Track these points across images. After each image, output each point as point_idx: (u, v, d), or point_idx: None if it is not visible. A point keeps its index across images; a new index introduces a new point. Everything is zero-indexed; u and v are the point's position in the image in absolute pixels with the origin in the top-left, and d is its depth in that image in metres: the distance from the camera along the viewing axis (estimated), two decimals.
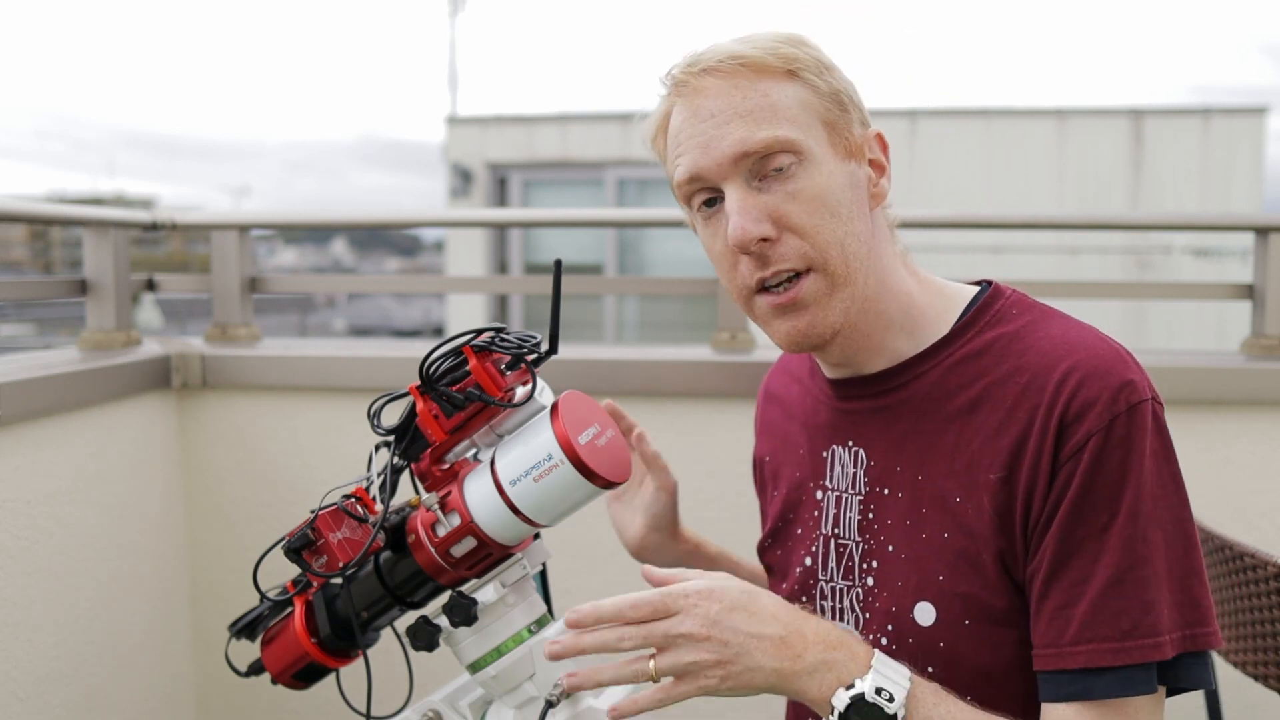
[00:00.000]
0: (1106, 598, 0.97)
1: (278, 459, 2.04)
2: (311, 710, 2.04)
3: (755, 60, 1.06)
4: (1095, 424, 0.99)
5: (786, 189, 1.05)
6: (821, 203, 1.05)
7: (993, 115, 8.97)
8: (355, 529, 1.05)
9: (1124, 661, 0.96)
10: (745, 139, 1.04)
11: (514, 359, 1.00)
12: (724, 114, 1.05)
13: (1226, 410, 1.83)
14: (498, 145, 9.47)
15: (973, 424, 1.06)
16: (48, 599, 1.63)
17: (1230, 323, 7.46)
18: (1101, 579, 0.97)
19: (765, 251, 1.06)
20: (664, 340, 8.13)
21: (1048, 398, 1.01)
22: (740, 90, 1.05)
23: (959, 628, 1.04)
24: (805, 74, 1.07)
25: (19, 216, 1.87)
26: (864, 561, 1.13)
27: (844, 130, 1.08)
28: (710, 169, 1.06)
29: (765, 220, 1.05)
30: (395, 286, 7.33)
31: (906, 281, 1.14)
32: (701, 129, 1.06)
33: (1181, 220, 3.52)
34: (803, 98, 1.06)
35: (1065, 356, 1.03)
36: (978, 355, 1.09)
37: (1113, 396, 0.99)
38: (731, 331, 2.06)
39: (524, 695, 1.07)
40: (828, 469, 1.18)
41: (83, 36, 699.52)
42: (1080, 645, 0.97)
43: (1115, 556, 0.97)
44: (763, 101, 1.05)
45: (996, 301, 1.12)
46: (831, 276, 1.06)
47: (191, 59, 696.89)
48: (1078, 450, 0.99)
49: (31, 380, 1.59)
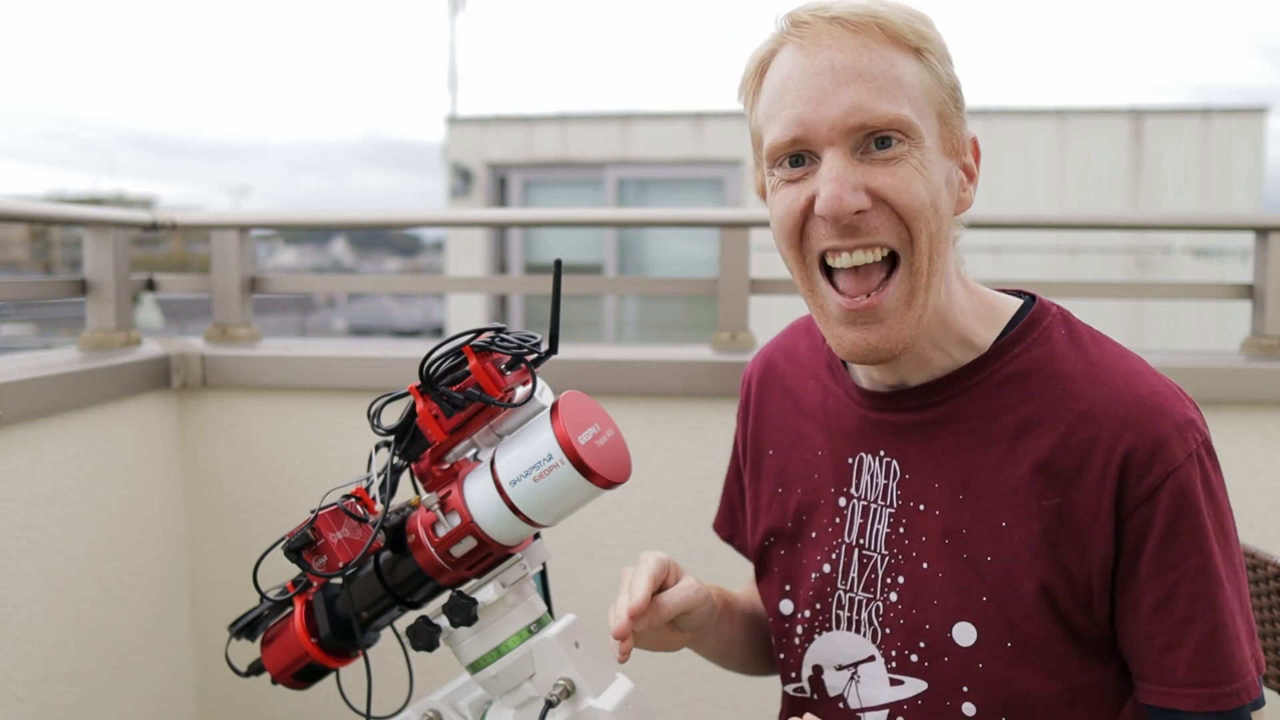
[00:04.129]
0: (1213, 643, 0.99)
1: (278, 459, 2.04)
2: (311, 710, 2.04)
3: (891, 25, 0.98)
4: (1170, 463, 0.99)
5: (889, 167, 0.98)
6: (924, 192, 0.99)
7: (993, 115, 8.96)
8: (355, 529, 1.05)
9: (1230, 705, 0.99)
10: (865, 107, 0.96)
11: (514, 359, 1.00)
12: (846, 71, 0.96)
13: (1226, 410, 1.83)
14: (498, 145, 9.46)
15: (1020, 447, 1.04)
16: (48, 599, 1.63)
17: (1230, 323, 7.45)
18: (1204, 625, 0.99)
19: (856, 223, 0.98)
20: (664, 340, 8.13)
21: (1110, 431, 1.00)
22: (868, 51, 0.97)
23: (1000, 650, 1.04)
24: (932, 58, 1.01)
25: (19, 216, 1.87)
26: (888, 576, 1.11)
27: (955, 126, 1.03)
28: (819, 128, 0.97)
29: (862, 192, 0.98)
30: (395, 286, 7.33)
31: (961, 296, 1.09)
32: (818, 81, 0.97)
33: (1181, 220, 3.51)
34: (926, 82, 1.00)
35: (1127, 389, 1.01)
36: (1026, 376, 1.06)
37: (1181, 435, 1.00)
38: (731, 331, 2.06)
39: (524, 695, 1.06)
40: (854, 476, 1.14)
41: (89, 37, 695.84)
42: (1191, 689, 1.00)
43: (1213, 600, 0.99)
44: (890, 71, 0.98)
45: (1043, 319, 1.09)
46: (914, 275, 1.00)
47: (197, 61, 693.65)
48: (1155, 489, 0.99)
49: (31, 380, 1.59)
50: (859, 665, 1.13)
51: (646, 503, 1.95)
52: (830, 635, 1.16)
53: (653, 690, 1.95)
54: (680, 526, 1.94)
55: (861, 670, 1.13)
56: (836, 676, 1.15)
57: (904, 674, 1.10)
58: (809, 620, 1.18)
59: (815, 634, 1.18)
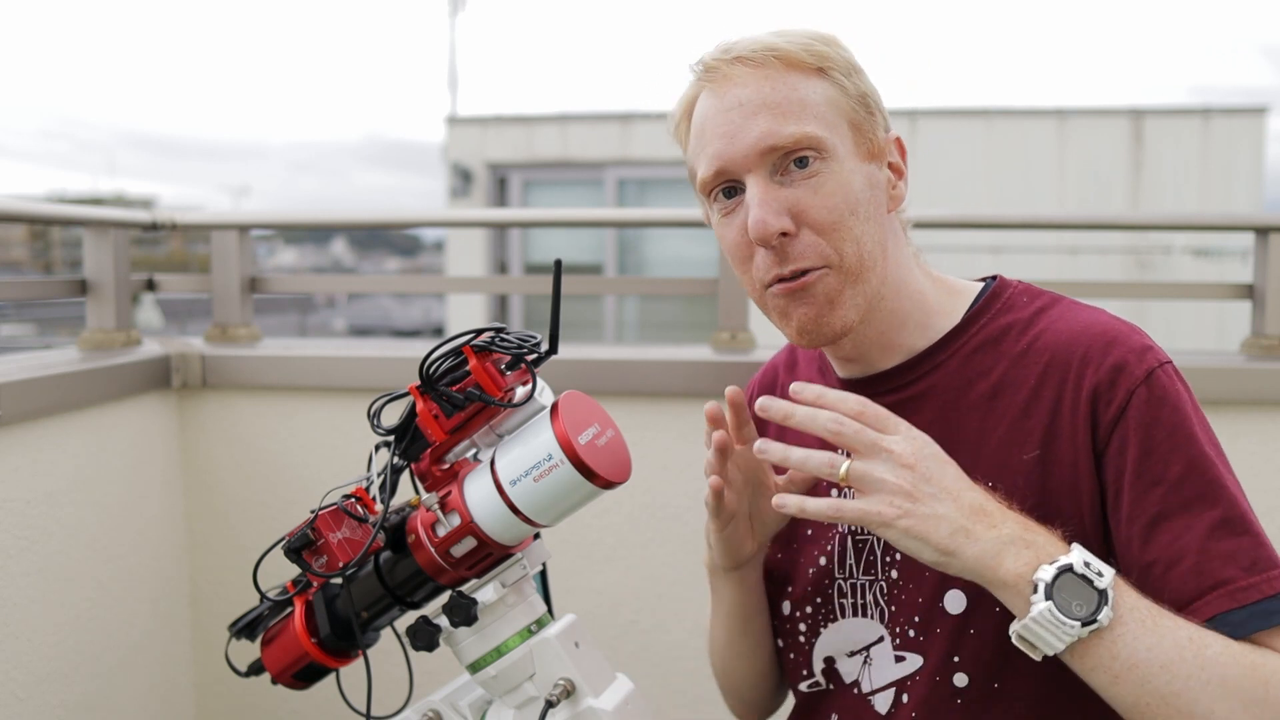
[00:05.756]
0: (1218, 535, 0.97)
1: (278, 459, 2.04)
2: (311, 710, 2.03)
3: (787, 53, 1.06)
4: (1131, 382, 1.01)
5: (809, 185, 1.05)
6: (842, 201, 1.06)
7: (993, 115, 8.96)
8: (355, 529, 1.05)
9: (1253, 598, 0.95)
10: (773, 132, 1.04)
11: (514, 359, 1.00)
12: (752, 104, 1.05)
13: (1226, 410, 1.83)
14: (498, 145, 9.46)
15: (997, 409, 1.08)
16: (48, 599, 1.63)
17: (1230, 323, 7.45)
18: (1204, 521, 0.97)
19: (784, 247, 1.06)
20: (664, 340, 8.13)
21: (1074, 372, 1.04)
22: (770, 81, 1.06)
23: (990, 614, 1.05)
24: (835, 73, 1.07)
25: (19, 216, 1.87)
26: (886, 555, 1.13)
27: (868, 132, 1.09)
28: (736, 159, 1.06)
29: (785, 214, 1.05)
30: (395, 286, 7.33)
31: (920, 280, 1.15)
32: (729, 118, 1.06)
33: (1181, 220, 3.52)
34: (831, 96, 1.07)
35: (1083, 332, 1.06)
36: (994, 342, 1.11)
37: (1139, 356, 1.03)
38: (731, 331, 2.06)
39: (524, 695, 1.07)
40: None
41: (89, 37, 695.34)
42: (1208, 595, 0.96)
43: (1211, 496, 0.99)
44: (791, 95, 1.05)
45: (1005, 291, 1.15)
46: (845, 273, 1.06)
47: (197, 61, 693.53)
48: (1121, 411, 1.01)
49: (31, 380, 1.59)
50: (870, 648, 1.15)
51: (646, 503, 1.95)
52: (836, 625, 1.17)
53: (654, 690, 1.95)
54: (680, 526, 1.94)
55: (873, 652, 1.14)
56: (849, 663, 1.17)
57: (904, 650, 1.12)
58: (811, 616, 1.19)
59: (821, 627, 1.19)
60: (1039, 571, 0.91)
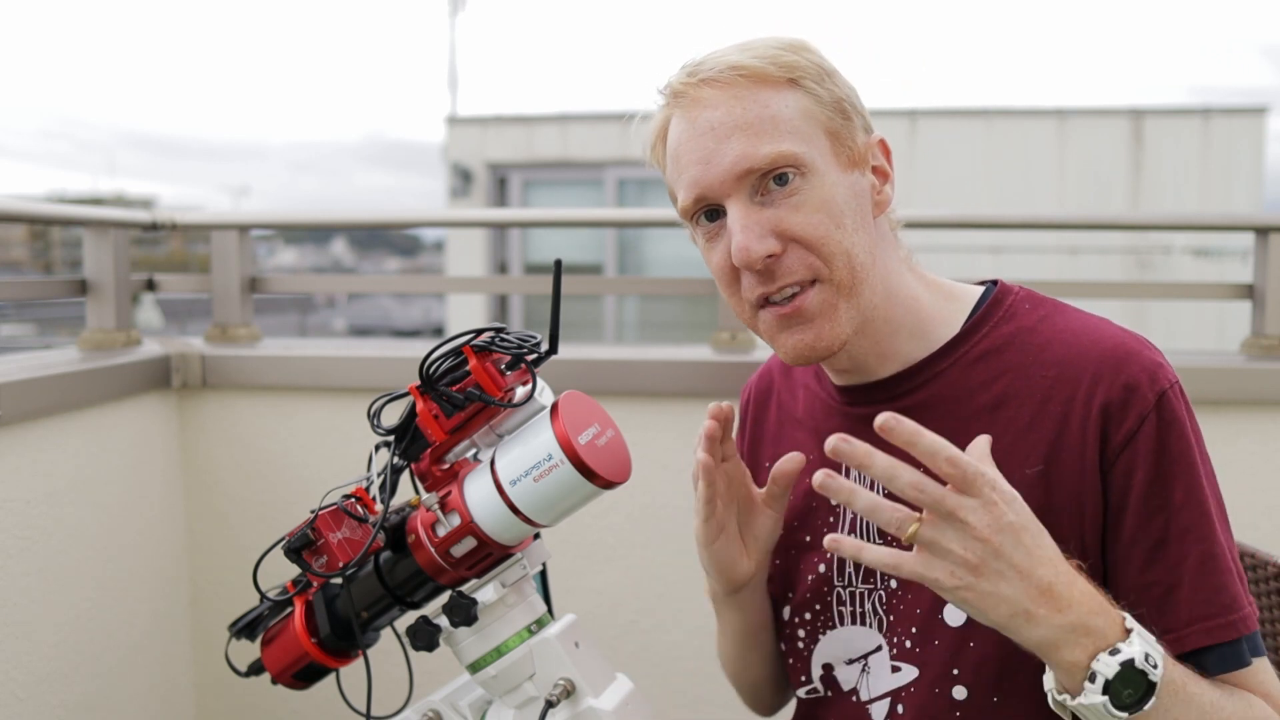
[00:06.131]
0: (1205, 573, 0.99)
1: (277, 459, 2.04)
2: (311, 710, 2.04)
3: (754, 70, 1.04)
4: (1143, 405, 1.00)
5: (790, 203, 1.03)
6: (826, 214, 1.03)
7: (993, 115, 8.97)
8: (355, 529, 1.05)
9: (1229, 636, 0.98)
10: (747, 154, 1.02)
11: (514, 359, 1.00)
12: (724, 126, 1.03)
13: (1226, 410, 1.83)
14: (498, 145, 9.47)
15: (999, 421, 1.06)
16: (48, 599, 1.63)
17: (1230, 323, 7.45)
18: (1195, 557, 0.99)
19: (771, 267, 1.04)
20: (664, 340, 8.13)
21: (1084, 388, 1.02)
22: (740, 101, 1.03)
23: (991, 629, 1.04)
24: (806, 82, 1.05)
25: (19, 216, 1.87)
26: None
27: (847, 139, 1.06)
28: (713, 185, 1.04)
29: (769, 236, 1.03)
30: (395, 286, 7.33)
31: (913, 285, 1.12)
32: (701, 143, 1.04)
33: (1181, 220, 3.52)
34: (804, 107, 1.04)
35: (1093, 346, 1.04)
36: (997, 351, 1.09)
37: (1151, 377, 1.01)
38: (731, 331, 2.06)
39: (524, 695, 1.07)
40: (841, 474, 1.15)
41: (89, 37, 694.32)
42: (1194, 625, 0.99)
43: (1202, 532, 1.00)
44: (763, 113, 1.03)
45: (1007, 298, 1.12)
46: (837, 287, 1.05)
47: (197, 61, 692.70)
48: (1132, 435, 1.00)
49: (31, 380, 1.59)
50: (868, 656, 1.14)
51: (646, 503, 1.95)
52: (835, 633, 1.17)
53: (654, 690, 1.95)
54: (680, 526, 1.94)
55: (871, 661, 1.14)
56: (848, 671, 1.16)
57: (900, 660, 1.11)
58: (810, 622, 1.19)
59: (819, 634, 1.18)
60: (1098, 662, 0.89)
